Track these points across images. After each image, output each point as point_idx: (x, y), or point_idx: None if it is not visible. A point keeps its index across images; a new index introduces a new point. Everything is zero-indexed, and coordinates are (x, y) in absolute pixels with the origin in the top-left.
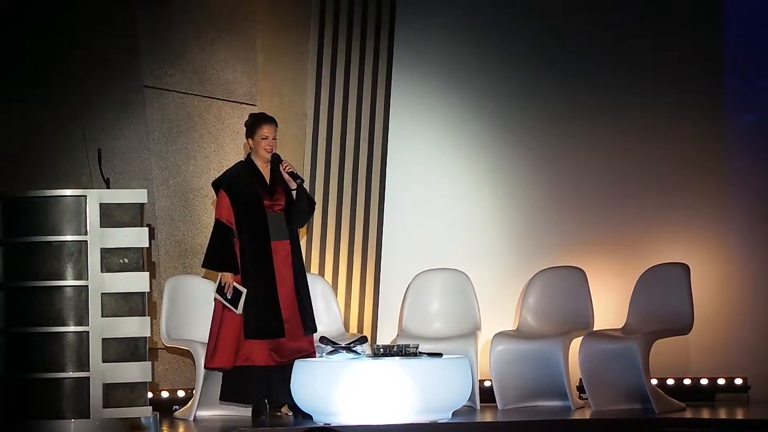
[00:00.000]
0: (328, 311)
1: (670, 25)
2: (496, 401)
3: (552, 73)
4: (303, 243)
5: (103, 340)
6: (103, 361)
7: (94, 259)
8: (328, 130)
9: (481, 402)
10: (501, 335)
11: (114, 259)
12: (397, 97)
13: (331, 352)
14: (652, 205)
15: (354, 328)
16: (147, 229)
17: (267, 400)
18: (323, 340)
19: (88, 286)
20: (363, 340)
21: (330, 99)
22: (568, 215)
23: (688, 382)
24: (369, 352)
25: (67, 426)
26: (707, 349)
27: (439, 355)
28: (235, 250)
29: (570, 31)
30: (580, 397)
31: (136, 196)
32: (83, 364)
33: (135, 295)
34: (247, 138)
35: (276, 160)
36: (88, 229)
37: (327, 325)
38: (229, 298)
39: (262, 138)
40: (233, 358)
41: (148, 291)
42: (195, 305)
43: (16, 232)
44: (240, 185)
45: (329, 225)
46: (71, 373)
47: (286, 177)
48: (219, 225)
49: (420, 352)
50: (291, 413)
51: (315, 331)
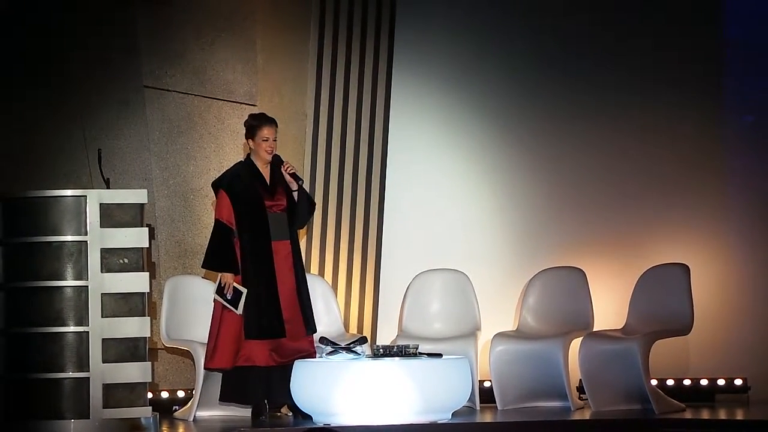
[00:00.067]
0: (327, 311)
1: (670, 25)
2: (495, 402)
3: (552, 73)
4: (303, 243)
5: (103, 340)
6: (103, 362)
7: (94, 260)
8: (328, 130)
9: (480, 402)
10: (501, 336)
11: (114, 260)
12: (397, 97)
13: (330, 353)
14: (652, 205)
15: (354, 329)
16: (147, 229)
17: (267, 401)
18: (323, 340)
19: (88, 287)
20: (363, 340)
21: (330, 99)
22: (568, 215)
23: (688, 382)
24: (369, 352)
25: (67, 426)
26: (707, 350)
27: (439, 355)
28: (235, 250)
29: (570, 31)
30: (580, 398)
31: (136, 196)
32: (83, 364)
33: (135, 295)
34: (246, 139)
35: (277, 162)
36: (88, 229)
37: (327, 325)
38: (229, 298)
39: (263, 140)
40: (233, 358)
41: (148, 291)
42: (195, 306)
43: (16, 233)
44: (240, 185)
45: (329, 225)
46: (71, 374)
47: (288, 178)
48: (219, 225)
49: (420, 353)
50: (291, 414)
51: (315, 332)
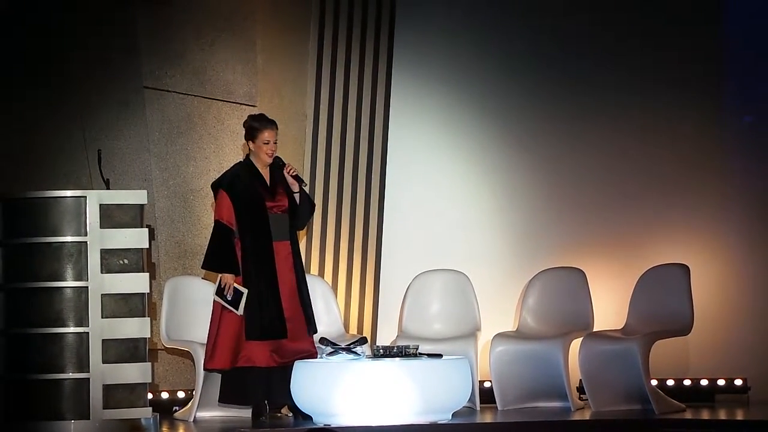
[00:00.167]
0: (327, 312)
1: (670, 25)
2: (496, 402)
3: (551, 74)
4: (303, 243)
5: (103, 341)
6: (103, 362)
7: (94, 260)
8: (328, 130)
9: (481, 403)
10: (501, 336)
11: (114, 260)
12: (397, 98)
13: (331, 353)
14: (652, 205)
15: (354, 329)
16: (147, 230)
17: (267, 401)
18: (323, 341)
19: (88, 287)
20: (363, 341)
21: (330, 100)
22: (568, 215)
23: (688, 382)
24: (369, 353)
25: (67, 427)
26: (707, 350)
27: (439, 356)
28: (235, 251)
29: (569, 32)
30: (580, 398)
31: (136, 197)
32: (83, 365)
33: (135, 296)
34: (246, 140)
35: (279, 164)
36: (88, 230)
37: (327, 325)
38: (229, 299)
39: (264, 143)
40: (232, 358)
41: (148, 292)
42: (195, 306)
43: (16, 233)
44: (241, 186)
45: (329, 225)
46: (71, 374)
47: (290, 180)
48: (219, 226)
49: (420, 353)
50: (291, 414)
51: (315, 332)
